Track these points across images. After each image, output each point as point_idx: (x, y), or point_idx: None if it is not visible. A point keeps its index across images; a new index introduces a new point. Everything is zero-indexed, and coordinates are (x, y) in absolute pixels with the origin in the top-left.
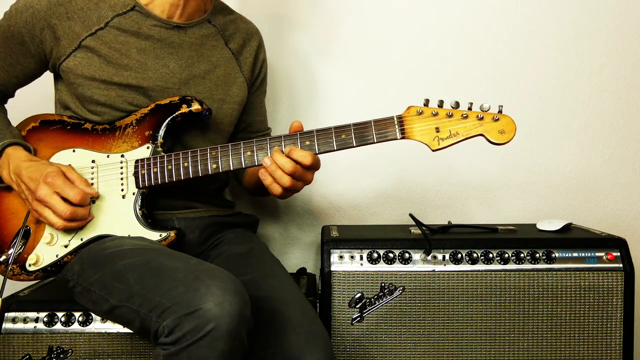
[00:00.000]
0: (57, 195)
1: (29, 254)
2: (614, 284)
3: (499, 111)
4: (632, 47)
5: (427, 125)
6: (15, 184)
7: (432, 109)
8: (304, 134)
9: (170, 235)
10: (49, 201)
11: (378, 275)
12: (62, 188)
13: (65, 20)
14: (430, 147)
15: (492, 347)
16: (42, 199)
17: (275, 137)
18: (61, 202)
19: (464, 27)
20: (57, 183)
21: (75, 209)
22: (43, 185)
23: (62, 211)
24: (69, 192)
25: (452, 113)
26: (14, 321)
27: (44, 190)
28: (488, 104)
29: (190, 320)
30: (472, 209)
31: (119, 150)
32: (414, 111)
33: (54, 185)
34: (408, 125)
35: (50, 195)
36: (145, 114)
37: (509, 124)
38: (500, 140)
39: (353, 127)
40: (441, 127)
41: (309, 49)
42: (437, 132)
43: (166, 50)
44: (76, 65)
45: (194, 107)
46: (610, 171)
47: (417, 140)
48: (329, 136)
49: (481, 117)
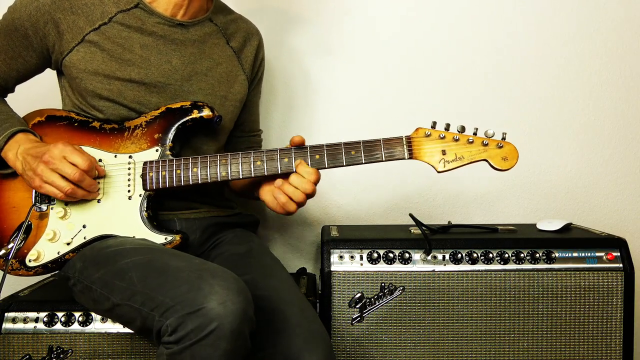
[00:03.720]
0: (64, 159)
1: (29, 249)
2: (614, 284)
3: (503, 138)
4: (632, 47)
5: (435, 147)
6: (19, 162)
7: (439, 132)
8: (314, 148)
9: (176, 239)
10: (57, 163)
11: (378, 275)
12: (70, 153)
13: (70, 15)
14: (435, 169)
15: (492, 347)
16: (49, 160)
17: (285, 149)
18: (70, 166)
19: (464, 27)
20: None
21: (84, 173)
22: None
23: (69, 173)
24: (77, 158)
25: (458, 137)
26: (14, 321)
27: (53, 152)
28: (492, 130)
29: (193, 319)
30: (472, 209)
31: (126, 150)
32: (422, 133)
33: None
34: (416, 146)
35: (59, 159)
36: (155, 116)
37: (512, 151)
38: (503, 166)
39: (363, 145)
40: (447, 150)
41: (306, 48)
42: (444, 155)
43: (169, 46)
44: (79, 60)
45: (205, 112)
46: (610, 171)
47: (425, 161)
48: (339, 152)
49: (486, 144)
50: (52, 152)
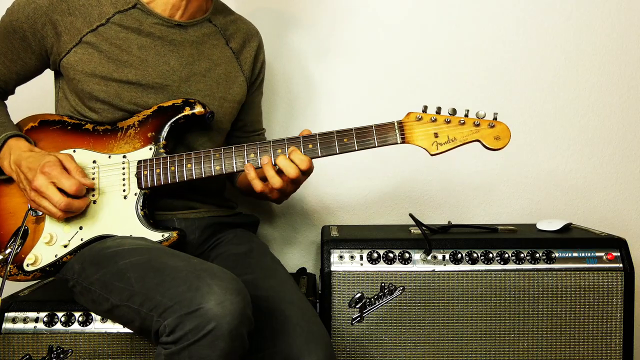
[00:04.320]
0: (53, 185)
1: (26, 254)
2: (614, 284)
3: (494, 118)
4: (632, 47)
5: (426, 130)
6: (15, 174)
7: (430, 115)
8: (307, 138)
9: (173, 235)
10: (45, 192)
11: (378, 275)
12: (58, 178)
13: (67, 16)
14: (429, 152)
15: (492, 347)
16: (38, 188)
17: (278, 140)
18: (57, 193)
19: (464, 27)
20: (54, 173)
21: (71, 200)
22: (40, 175)
23: (57, 202)
24: (65, 182)
25: (450, 119)
26: (14, 321)
27: (41, 180)
28: (484, 111)
29: (191, 320)
30: (472, 209)
31: (120, 151)
32: (413, 117)
33: (50, 176)
34: (408, 130)
35: (46, 186)
36: (147, 115)
37: (504, 130)
38: (495, 146)
39: (355, 132)
40: (440, 132)
41: (307, 48)
42: (436, 138)
43: (167, 47)
44: (77, 61)
45: (197, 109)
46: (610, 171)
47: (417, 145)
48: (331, 140)
49: (478, 124)
50: (38, 181)
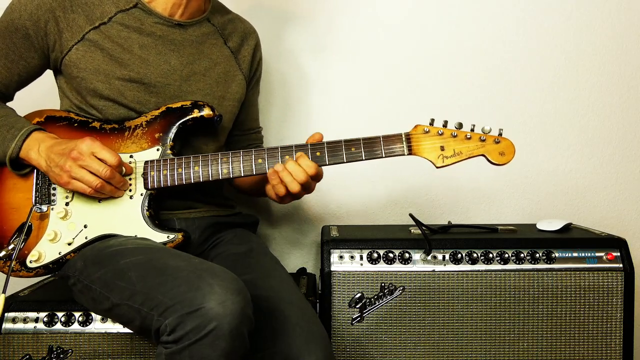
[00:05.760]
0: (93, 155)
1: (29, 250)
2: (614, 284)
3: (500, 134)
4: (632, 47)
5: (433, 143)
6: (44, 160)
7: (437, 129)
8: (315, 145)
9: (178, 237)
10: (85, 159)
11: (378, 275)
12: (99, 149)
13: (70, 13)
14: (435, 164)
15: (492, 347)
16: (77, 157)
17: (286, 146)
18: (98, 162)
19: (464, 27)
20: (95, 144)
21: (113, 174)
22: (80, 145)
23: (98, 170)
24: (106, 153)
25: (456, 134)
26: (14, 321)
27: (82, 147)
28: (489, 127)
29: (192, 319)
30: (472, 209)
31: (127, 150)
32: (420, 130)
33: (91, 146)
34: (415, 142)
35: (88, 154)
36: (155, 116)
37: (508, 146)
38: (500, 161)
39: (362, 142)
40: (446, 146)
41: (303, 47)
42: (442, 151)
43: (168, 47)
44: (79, 59)
45: (205, 112)
46: (610, 171)
47: (424, 157)
48: (339, 149)
49: (483, 139)
50: (80, 149)
